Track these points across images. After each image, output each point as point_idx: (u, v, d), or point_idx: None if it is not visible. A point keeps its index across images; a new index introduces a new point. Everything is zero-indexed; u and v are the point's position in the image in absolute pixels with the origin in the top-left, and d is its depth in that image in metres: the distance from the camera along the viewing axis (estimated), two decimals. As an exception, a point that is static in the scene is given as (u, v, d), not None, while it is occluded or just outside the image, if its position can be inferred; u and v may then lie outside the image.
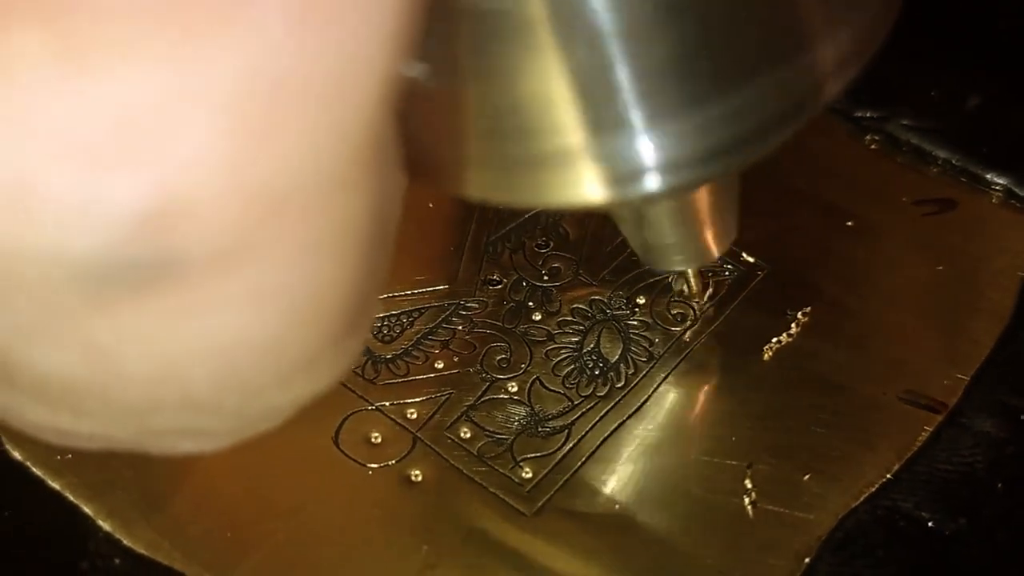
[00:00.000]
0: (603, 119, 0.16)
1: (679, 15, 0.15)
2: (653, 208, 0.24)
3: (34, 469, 0.31)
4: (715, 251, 0.27)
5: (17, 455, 0.31)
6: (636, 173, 0.16)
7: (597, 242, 0.35)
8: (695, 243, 0.26)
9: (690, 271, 0.32)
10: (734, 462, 0.30)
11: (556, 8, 0.15)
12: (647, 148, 0.16)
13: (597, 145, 0.16)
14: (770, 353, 0.32)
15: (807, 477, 0.30)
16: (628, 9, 0.15)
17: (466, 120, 0.16)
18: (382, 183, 0.14)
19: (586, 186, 0.17)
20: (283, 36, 0.12)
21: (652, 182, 0.17)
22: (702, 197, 0.24)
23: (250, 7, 0.11)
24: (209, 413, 0.16)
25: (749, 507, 0.30)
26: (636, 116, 0.16)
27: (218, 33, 0.11)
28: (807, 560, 0.29)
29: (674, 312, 0.33)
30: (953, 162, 0.36)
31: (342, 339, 0.16)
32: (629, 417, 0.31)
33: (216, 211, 0.12)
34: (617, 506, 0.30)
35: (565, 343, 0.33)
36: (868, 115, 0.37)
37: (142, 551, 0.30)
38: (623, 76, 0.15)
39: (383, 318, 0.34)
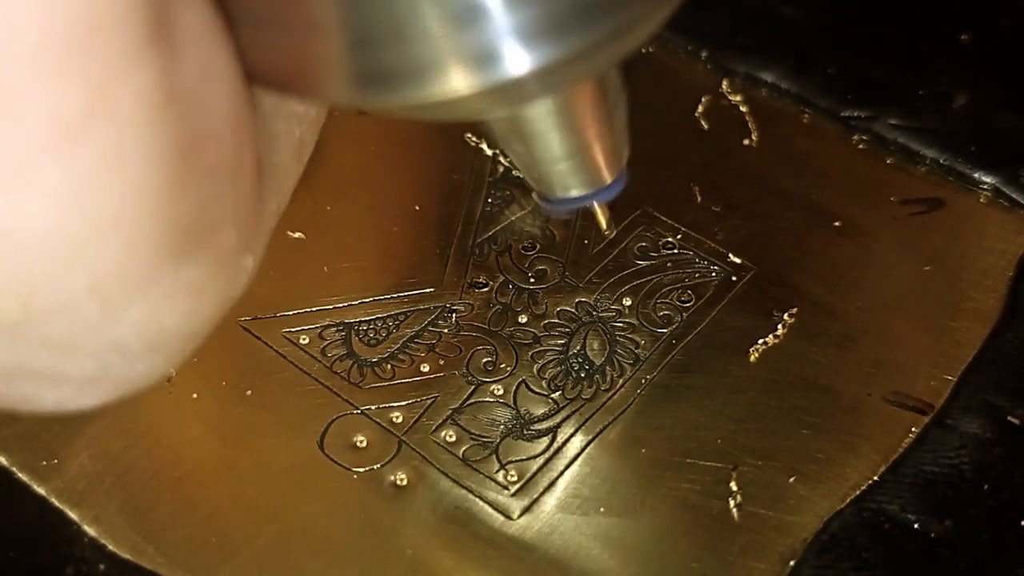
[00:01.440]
0: (462, 5, 0.15)
1: None
2: (531, 118, 0.22)
3: (19, 474, 0.31)
4: (606, 173, 0.25)
5: (2, 460, 0.31)
6: (498, 53, 0.16)
7: (583, 244, 0.35)
8: (583, 161, 0.24)
9: (595, 204, 0.29)
10: (719, 464, 0.30)
11: None
12: (503, 26, 0.15)
13: (455, 33, 0.16)
14: (756, 354, 0.32)
15: (792, 479, 0.30)
16: None
17: (318, 22, 0.16)
18: (166, 58, 0.14)
19: (449, 77, 0.16)
20: None
21: (518, 61, 0.16)
22: (581, 104, 0.22)
23: None
24: (43, 345, 0.15)
25: (734, 509, 0.29)
26: None
27: None
28: (792, 563, 0.29)
29: (660, 314, 0.33)
30: (941, 161, 0.36)
31: (172, 262, 0.15)
32: (615, 419, 0.31)
33: None
34: (602, 509, 0.30)
35: (551, 346, 0.33)
36: (856, 115, 0.37)
37: (126, 556, 0.30)
38: None
39: (368, 321, 0.34)
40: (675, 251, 0.35)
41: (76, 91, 0.13)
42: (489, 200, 0.36)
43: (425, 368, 0.33)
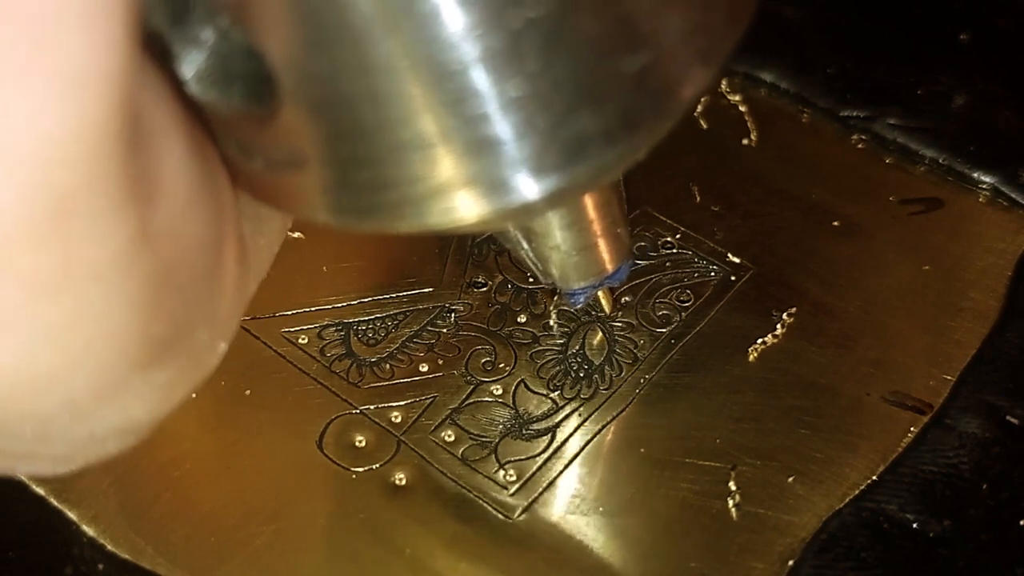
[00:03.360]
0: (471, 140, 0.15)
1: (542, 37, 0.15)
2: (539, 225, 0.23)
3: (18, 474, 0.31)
4: (609, 264, 0.26)
5: (1, 460, 0.31)
6: (507, 183, 0.16)
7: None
8: (590, 254, 0.25)
9: (600, 290, 0.32)
10: (718, 464, 0.30)
11: (414, 40, 0.14)
12: (515, 157, 0.15)
13: (467, 162, 0.15)
14: (755, 354, 0.32)
15: (791, 479, 0.30)
16: (487, 39, 0.14)
17: (327, 145, 0.16)
18: (142, 208, 0.14)
19: (460, 204, 0.16)
20: None
21: (526, 190, 0.16)
22: (586, 207, 0.23)
23: None
24: (17, 439, 0.16)
25: (733, 509, 0.29)
26: (503, 131, 0.15)
27: None
28: (791, 562, 0.29)
29: (659, 314, 0.33)
30: (940, 161, 0.36)
31: (143, 372, 0.16)
32: (613, 419, 0.31)
33: None
34: (601, 508, 0.30)
35: (550, 345, 0.33)
36: (855, 115, 0.37)
37: (125, 556, 0.30)
38: (490, 102, 0.15)
39: (368, 321, 0.34)
40: (674, 251, 0.35)
41: (52, 256, 0.13)
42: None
43: (424, 368, 0.33)
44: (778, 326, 0.33)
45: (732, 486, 0.30)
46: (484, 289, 0.34)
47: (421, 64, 0.14)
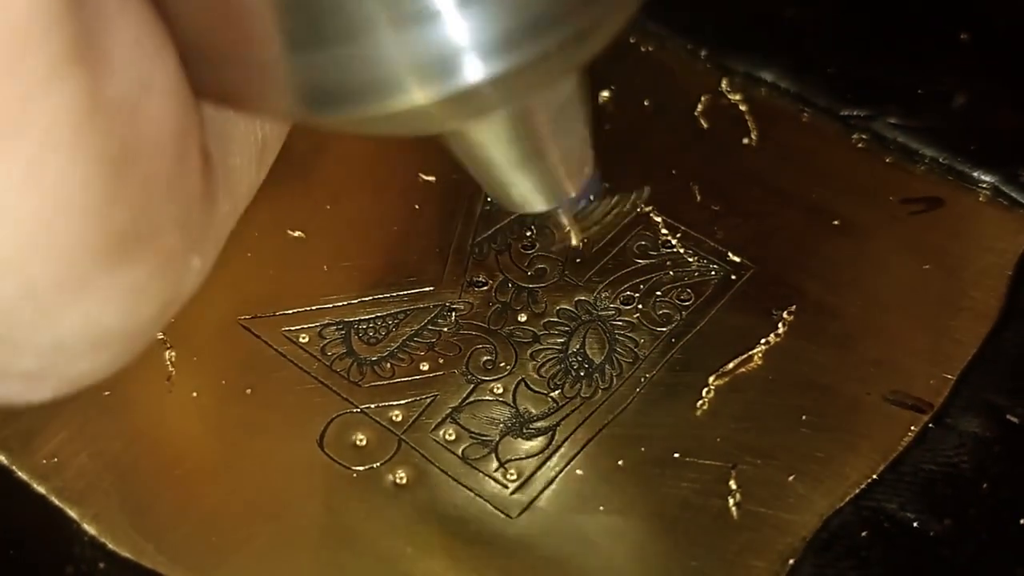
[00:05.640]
0: (406, 10, 0.15)
1: None
2: (488, 131, 0.22)
3: (19, 473, 0.31)
4: (569, 185, 0.24)
5: (2, 459, 0.31)
6: (453, 63, 0.15)
7: (583, 243, 0.35)
8: (543, 173, 0.23)
9: (560, 212, 0.29)
10: (718, 463, 0.30)
11: None
12: (459, 32, 0.15)
13: (405, 40, 0.15)
14: (760, 355, 0.32)
15: (791, 478, 0.30)
16: None
17: (261, 27, 0.15)
18: (91, 73, 0.14)
19: (401, 89, 0.15)
20: None
21: (472, 70, 0.15)
22: (539, 116, 0.22)
23: None
24: None
25: (733, 508, 0.29)
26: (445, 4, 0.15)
27: None
28: (791, 561, 0.29)
29: (660, 313, 0.33)
30: (940, 160, 0.36)
31: (107, 267, 0.16)
32: (614, 418, 0.31)
33: None
34: (601, 507, 0.30)
35: (550, 344, 0.33)
36: (855, 114, 0.37)
37: (126, 555, 0.30)
38: None
39: (368, 320, 0.34)
40: (674, 250, 0.35)
41: None
42: (489, 199, 0.36)
43: (425, 367, 0.33)
44: (778, 325, 0.33)
45: (732, 485, 0.30)
46: (485, 288, 0.34)
47: None
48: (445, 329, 0.33)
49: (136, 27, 0.15)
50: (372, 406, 0.32)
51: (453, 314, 0.34)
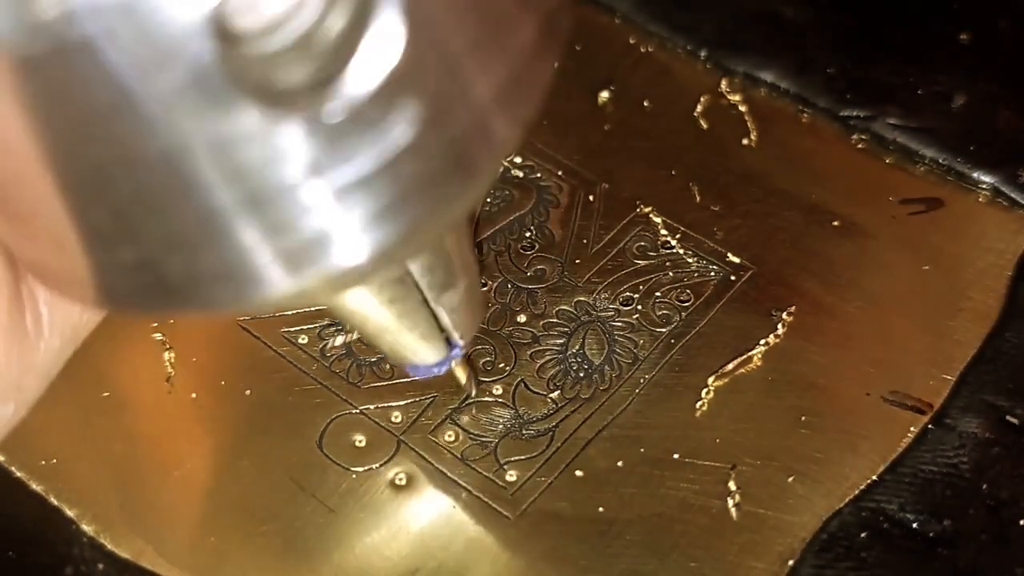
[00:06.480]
0: (271, 222, 0.15)
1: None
2: (363, 295, 0.22)
3: (18, 473, 0.31)
4: (459, 335, 0.25)
5: (2, 459, 0.31)
6: (323, 247, 0.15)
7: (582, 244, 0.35)
8: (427, 329, 0.24)
9: (454, 364, 0.28)
10: (718, 464, 0.30)
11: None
12: (326, 223, 0.15)
13: (270, 241, 0.15)
14: (759, 355, 0.32)
15: (791, 479, 0.30)
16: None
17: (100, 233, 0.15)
18: None
19: (266, 280, 0.15)
20: None
21: (344, 253, 0.15)
22: (415, 275, 0.22)
23: None
24: None
25: (733, 509, 0.29)
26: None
27: None
28: (791, 562, 0.29)
29: (659, 313, 0.33)
30: (940, 161, 0.36)
31: None
32: (613, 419, 0.31)
33: None
34: (601, 508, 0.30)
35: (550, 345, 0.33)
36: (855, 115, 0.37)
37: (126, 556, 0.30)
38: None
39: (367, 321, 0.34)
40: (674, 250, 0.35)
41: None
42: (488, 200, 0.36)
43: (424, 368, 0.33)
44: (778, 326, 0.33)
45: (732, 486, 0.30)
46: (484, 289, 0.34)
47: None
48: (444, 330, 0.33)
49: None
50: (371, 407, 0.32)
51: (452, 315, 0.34)
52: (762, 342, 0.32)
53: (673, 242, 0.35)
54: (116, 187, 0.14)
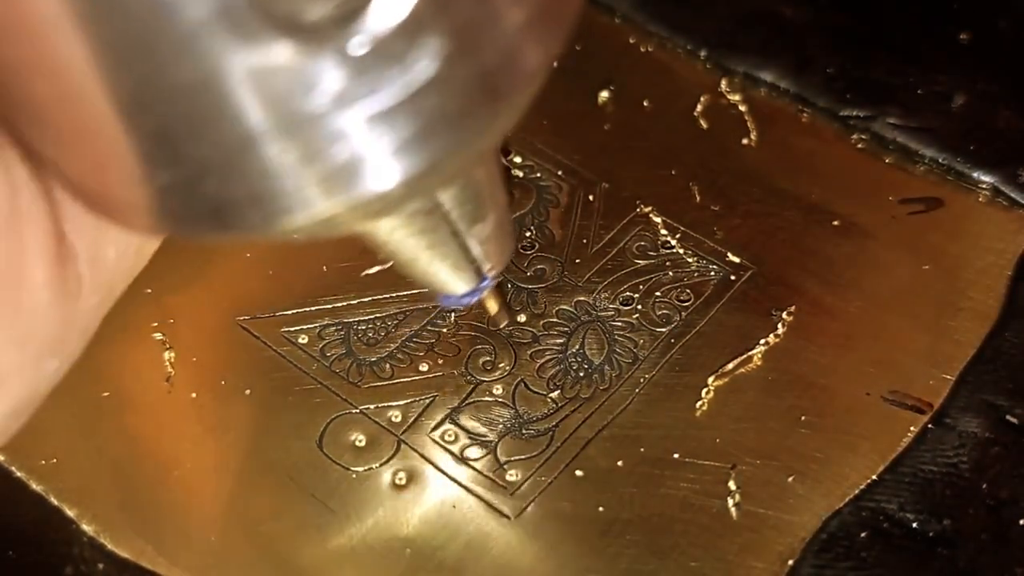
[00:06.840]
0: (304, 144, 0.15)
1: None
2: (397, 222, 0.21)
3: (18, 473, 0.31)
4: (490, 267, 0.24)
5: (1, 459, 0.31)
6: (357, 172, 0.15)
7: (582, 244, 0.35)
8: (459, 259, 0.23)
9: (485, 294, 0.28)
10: (717, 463, 0.30)
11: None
12: (355, 151, 0.15)
13: (307, 154, 0.15)
14: (759, 355, 0.32)
15: (791, 478, 0.30)
16: None
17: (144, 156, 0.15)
18: None
19: (306, 203, 0.15)
20: None
21: (377, 178, 0.15)
22: (447, 205, 0.22)
23: None
24: None
25: (732, 508, 0.29)
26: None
27: None
28: (790, 562, 0.29)
29: (659, 313, 0.33)
30: (940, 161, 0.36)
31: None
32: (613, 419, 0.31)
33: None
34: (601, 508, 0.30)
35: (550, 345, 0.33)
36: (855, 114, 0.37)
37: (125, 555, 0.30)
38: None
39: (367, 321, 0.34)
40: (674, 250, 0.35)
41: None
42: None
43: (424, 367, 0.33)
44: (778, 325, 0.33)
45: (732, 486, 0.30)
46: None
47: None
48: (444, 330, 0.33)
49: None
50: (371, 407, 0.32)
51: (452, 315, 0.34)
52: (762, 342, 0.32)
53: (673, 242, 0.35)
54: (156, 110, 0.15)
